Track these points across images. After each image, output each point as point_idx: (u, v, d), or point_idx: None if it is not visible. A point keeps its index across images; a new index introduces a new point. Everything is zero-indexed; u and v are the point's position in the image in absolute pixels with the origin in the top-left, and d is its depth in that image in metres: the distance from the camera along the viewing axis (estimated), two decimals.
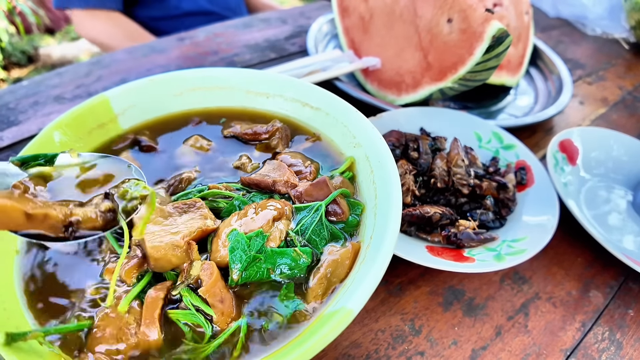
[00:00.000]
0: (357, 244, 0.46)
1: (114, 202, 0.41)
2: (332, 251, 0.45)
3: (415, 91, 0.81)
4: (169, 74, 0.63)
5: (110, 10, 1.41)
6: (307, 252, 0.44)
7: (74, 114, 0.57)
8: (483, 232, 0.62)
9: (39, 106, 0.88)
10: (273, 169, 0.52)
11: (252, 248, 0.42)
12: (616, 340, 0.60)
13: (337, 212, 0.48)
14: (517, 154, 0.75)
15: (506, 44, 0.69)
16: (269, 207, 0.46)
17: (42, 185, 0.41)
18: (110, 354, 0.39)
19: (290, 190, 0.49)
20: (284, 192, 0.50)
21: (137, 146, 0.58)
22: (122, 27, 1.39)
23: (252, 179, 0.51)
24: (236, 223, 0.44)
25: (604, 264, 0.69)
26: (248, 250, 0.41)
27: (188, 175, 0.53)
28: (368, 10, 0.91)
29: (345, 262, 0.44)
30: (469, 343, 0.56)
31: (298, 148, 0.59)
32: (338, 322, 0.36)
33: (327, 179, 0.49)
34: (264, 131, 0.59)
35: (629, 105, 1.11)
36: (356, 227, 0.49)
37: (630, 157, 0.84)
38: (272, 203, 0.46)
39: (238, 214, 0.45)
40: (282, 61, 1.07)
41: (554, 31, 1.43)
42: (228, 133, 0.60)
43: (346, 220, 0.48)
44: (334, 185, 0.50)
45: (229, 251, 0.41)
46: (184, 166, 0.56)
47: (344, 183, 0.51)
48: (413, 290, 0.61)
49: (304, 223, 0.46)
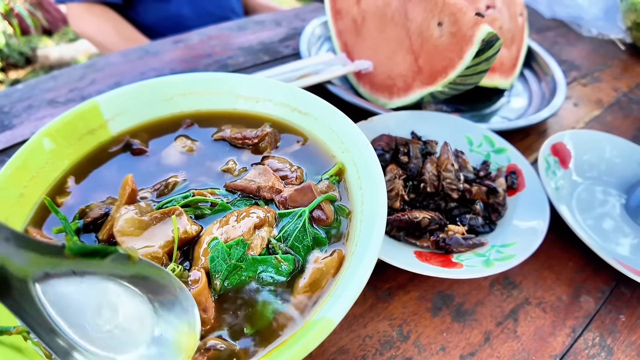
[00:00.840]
0: (341, 252, 0.46)
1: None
2: (317, 259, 0.45)
3: (407, 95, 0.81)
4: (159, 79, 0.63)
5: (107, 7, 1.41)
6: (288, 260, 0.44)
7: (64, 120, 0.57)
8: (472, 238, 0.62)
9: (33, 110, 0.88)
10: (258, 174, 0.52)
11: (233, 257, 0.41)
12: (607, 346, 0.59)
13: (321, 217, 0.48)
14: (508, 158, 0.75)
15: (496, 47, 0.69)
16: (251, 214, 0.46)
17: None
18: None
19: (275, 196, 0.49)
20: (268, 198, 0.50)
21: (128, 150, 0.58)
22: (116, 26, 1.40)
23: (236, 184, 0.51)
24: (218, 231, 0.44)
25: (596, 268, 0.69)
26: (228, 259, 0.41)
27: (174, 180, 0.53)
28: (360, 13, 0.91)
29: (330, 270, 0.44)
30: (457, 349, 0.56)
31: (287, 151, 0.59)
32: (319, 332, 0.36)
33: (312, 185, 0.49)
34: (253, 136, 0.59)
35: (624, 107, 1.11)
36: (341, 233, 0.49)
37: (623, 160, 0.83)
38: (255, 210, 0.46)
39: (220, 221, 0.45)
40: (275, 64, 1.07)
41: (549, 32, 1.43)
42: (218, 137, 0.60)
43: (330, 225, 0.48)
44: (319, 191, 0.50)
45: (209, 260, 0.41)
46: (171, 169, 0.56)
47: (330, 187, 0.51)
48: (402, 295, 0.61)
49: (287, 229, 0.46)
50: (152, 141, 0.60)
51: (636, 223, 0.76)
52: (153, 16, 1.48)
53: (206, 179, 0.55)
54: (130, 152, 0.58)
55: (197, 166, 0.56)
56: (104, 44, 1.40)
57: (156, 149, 0.59)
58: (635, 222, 0.76)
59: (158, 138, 0.61)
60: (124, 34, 1.38)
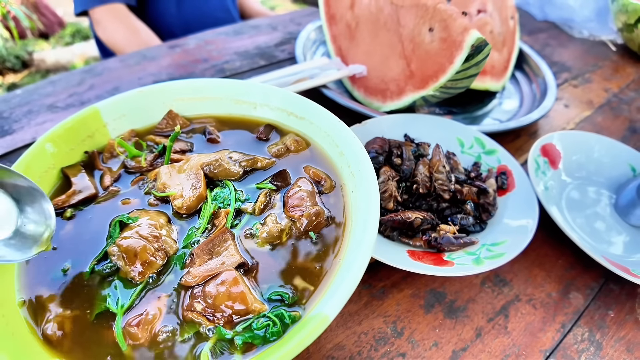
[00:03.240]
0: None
1: None
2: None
3: (400, 98, 0.83)
4: (158, 86, 0.65)
5: (127, 8, 1.41)
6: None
7: (66, 125, 0.59)
8: (463, 237, 0.64)
9: (33, 115, 0.90)
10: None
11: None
12: (596, 341, 0.61)
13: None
14: (498, 159, 0.77)
15: (485, 52, 0.71)
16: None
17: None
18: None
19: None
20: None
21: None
22: (138, 32, 1.40)
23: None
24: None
25: (585, 266, 0.70)
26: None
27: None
28: (354, 18, 0.92)
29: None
30: (449, 344, 0.58)
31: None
32: (314, 327, 0.38)
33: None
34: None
35: (614, 108, 1.13)
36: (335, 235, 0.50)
37: (611, 159, 0.85)
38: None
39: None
40: (271, 68, 1.08)
41: (541, 34, 1.45)
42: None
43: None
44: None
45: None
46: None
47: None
48: (396, 293, 0.63)
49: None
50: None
51: (625, 222, 0.78)
52: (163, 20, 1.50)
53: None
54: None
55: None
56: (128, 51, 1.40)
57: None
58: (624, 221, 0.78)
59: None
60: (148, 42, 1.38)
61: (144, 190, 0.56)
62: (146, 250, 0.47)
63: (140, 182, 0.57)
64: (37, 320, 0.44)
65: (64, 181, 0.57)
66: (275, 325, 0.41)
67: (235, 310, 0.43)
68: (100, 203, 0.54)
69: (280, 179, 0.56)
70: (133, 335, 0.42)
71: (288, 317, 0.42)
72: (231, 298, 0.43)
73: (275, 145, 0.61)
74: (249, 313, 0.43)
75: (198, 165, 0.56)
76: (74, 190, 0.55)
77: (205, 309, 0.43)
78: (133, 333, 0.42)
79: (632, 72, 1.31)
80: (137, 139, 0.62)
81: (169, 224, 0.51)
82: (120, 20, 1.38)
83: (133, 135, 0.63)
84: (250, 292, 0.44)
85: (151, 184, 0.56)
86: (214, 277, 0.45)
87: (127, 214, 0.52)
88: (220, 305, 0.43)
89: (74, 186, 0.55)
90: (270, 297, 0.45)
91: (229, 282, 0.44)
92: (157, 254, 0.47)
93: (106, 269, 0.47)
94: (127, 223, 0.50)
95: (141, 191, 0.56)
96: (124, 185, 0.57)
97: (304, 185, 0.54)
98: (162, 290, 0.46)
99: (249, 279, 0.46)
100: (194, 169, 0.56)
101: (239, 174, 0.56)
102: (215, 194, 0.54)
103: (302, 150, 0.61)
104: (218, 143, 0.62)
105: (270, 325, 0.42)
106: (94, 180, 0.57)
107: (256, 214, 0.52)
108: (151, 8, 1.49)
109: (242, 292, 0.43)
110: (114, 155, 0.60)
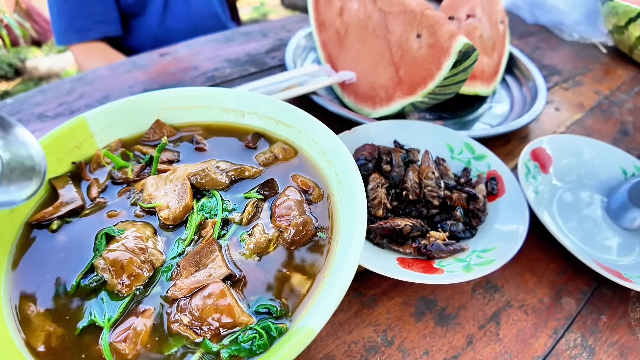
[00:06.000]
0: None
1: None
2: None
3: (389, 105, 0.83)
4: (145, 95, 0.64)
5: (106, 44, 1.41)
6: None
7: (53, 136, 0.58)
8: (453, 243, 0.64)
9: (23, 124, 0.89)
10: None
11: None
12: (589, 346, 0.61)
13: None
14: (488, 164, 0.77)
15: (473, 58, 0.71)
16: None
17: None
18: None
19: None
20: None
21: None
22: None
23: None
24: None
25: (577, 271, 0.70)
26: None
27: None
28: (343, 25, 0.92)
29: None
30: (440, 353, 0.58)
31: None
32: (300, 340, 0.37)
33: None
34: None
35: (605, 110, 1.13)
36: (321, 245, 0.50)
37: (602, 162, 0.85)
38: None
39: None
40: (261, 75, 1.08)
41: (531, 38, 1.46)
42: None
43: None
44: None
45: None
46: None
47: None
48: (386, 301, 0.62)
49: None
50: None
51: (617, 225, 0.78)
52: (146, 39, 1.49)
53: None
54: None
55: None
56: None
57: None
58: (616, 224, 0.78)
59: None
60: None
61: (131, 201, 0.55)
62: (132, 263, 0.46)
63: (127, 193, 0.57)
64: (23, 334, 0.44)
65: (52, 193, 0.57)
66: (261, 338, 0.41)
67: (223, 323, 0.43)
68: (87, 215, 0.54)
69: (267, 188, 0.56)
70: (119, 351, 0.42)
71: (275, 329, 0.42)
72: (218, 311, 0.43)
73: (263, 153, 0.61)
74: (236, 326, 0.43)
75: (185, 176, 0.55)
76: (60, 202, 0.54)
77: (192, 321, 0.43)
78: (120, 348, 0.42)
79: (623, 74, 1.31)
80: (124, 150, 0.62)
81: (155, 236, 0.51)
82: (98, 59, 1.38)
83: (120, 145, 0.63)
84: (238, 305, 0.44)
85: (138, 195, 0.56)
86: (201, 289, 0.45)
87: (114, 225, 0.51)
88: (207, 318, 0.43)
89: (61, 198, 0.55)
90: (257, 310, 0.45)
91: (216, 295, 0.43)
92: (143, 266, 0.47)
93: (93, 282, 0.47)
94: (113, 235, 0.50)
95: (128, 202, 0.55)
96: (110, 196, 0.56)
97: (291, 194, 0.54)
98: (149, 303, 0.45)
99: (236, 291, 0.46)
100: (180, 180, 0.55)
101: (227, 184, 0.56)
102: (202, 204, 0.53)
103: (291, 159, 0.61)
104: (205, 152, 0.62)
105: (256, 337, 0.41)
106: (81, 191, 0.57)
107: (244, 224, 0.52)
108: (134, 29, 1.49)
109: (229, 304, 0.43)
110: (102, 166, 0.60)
